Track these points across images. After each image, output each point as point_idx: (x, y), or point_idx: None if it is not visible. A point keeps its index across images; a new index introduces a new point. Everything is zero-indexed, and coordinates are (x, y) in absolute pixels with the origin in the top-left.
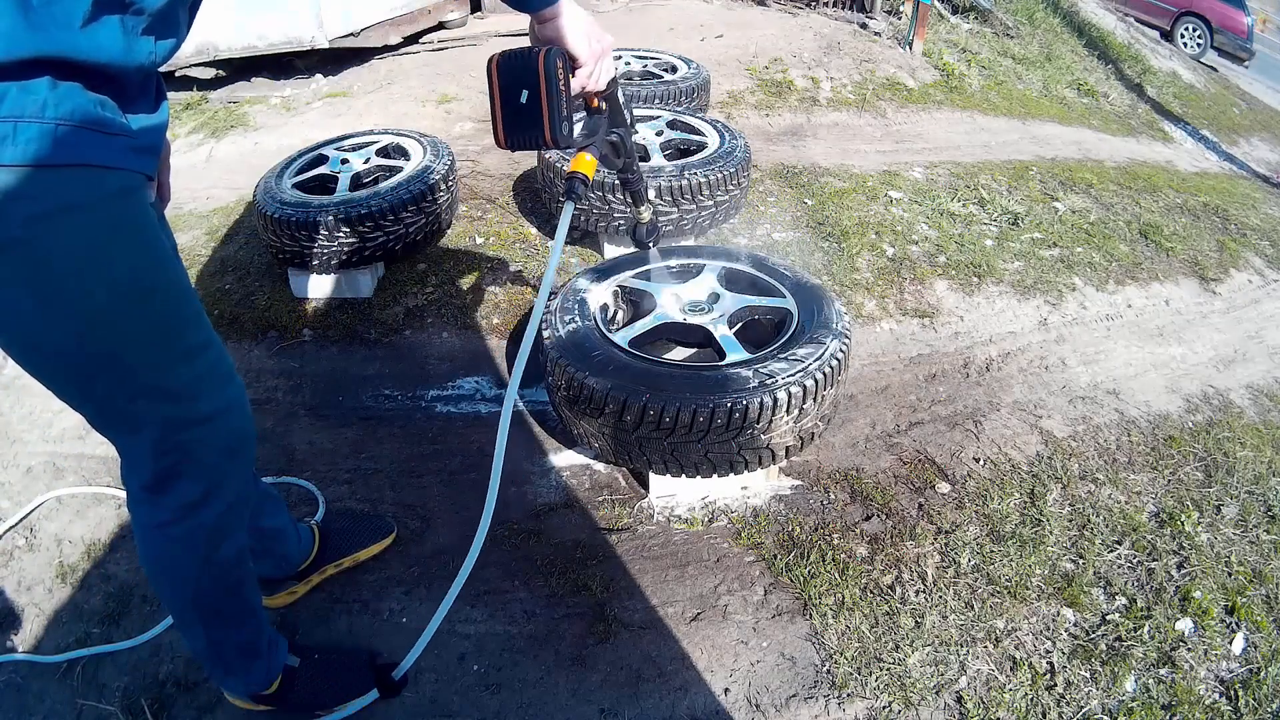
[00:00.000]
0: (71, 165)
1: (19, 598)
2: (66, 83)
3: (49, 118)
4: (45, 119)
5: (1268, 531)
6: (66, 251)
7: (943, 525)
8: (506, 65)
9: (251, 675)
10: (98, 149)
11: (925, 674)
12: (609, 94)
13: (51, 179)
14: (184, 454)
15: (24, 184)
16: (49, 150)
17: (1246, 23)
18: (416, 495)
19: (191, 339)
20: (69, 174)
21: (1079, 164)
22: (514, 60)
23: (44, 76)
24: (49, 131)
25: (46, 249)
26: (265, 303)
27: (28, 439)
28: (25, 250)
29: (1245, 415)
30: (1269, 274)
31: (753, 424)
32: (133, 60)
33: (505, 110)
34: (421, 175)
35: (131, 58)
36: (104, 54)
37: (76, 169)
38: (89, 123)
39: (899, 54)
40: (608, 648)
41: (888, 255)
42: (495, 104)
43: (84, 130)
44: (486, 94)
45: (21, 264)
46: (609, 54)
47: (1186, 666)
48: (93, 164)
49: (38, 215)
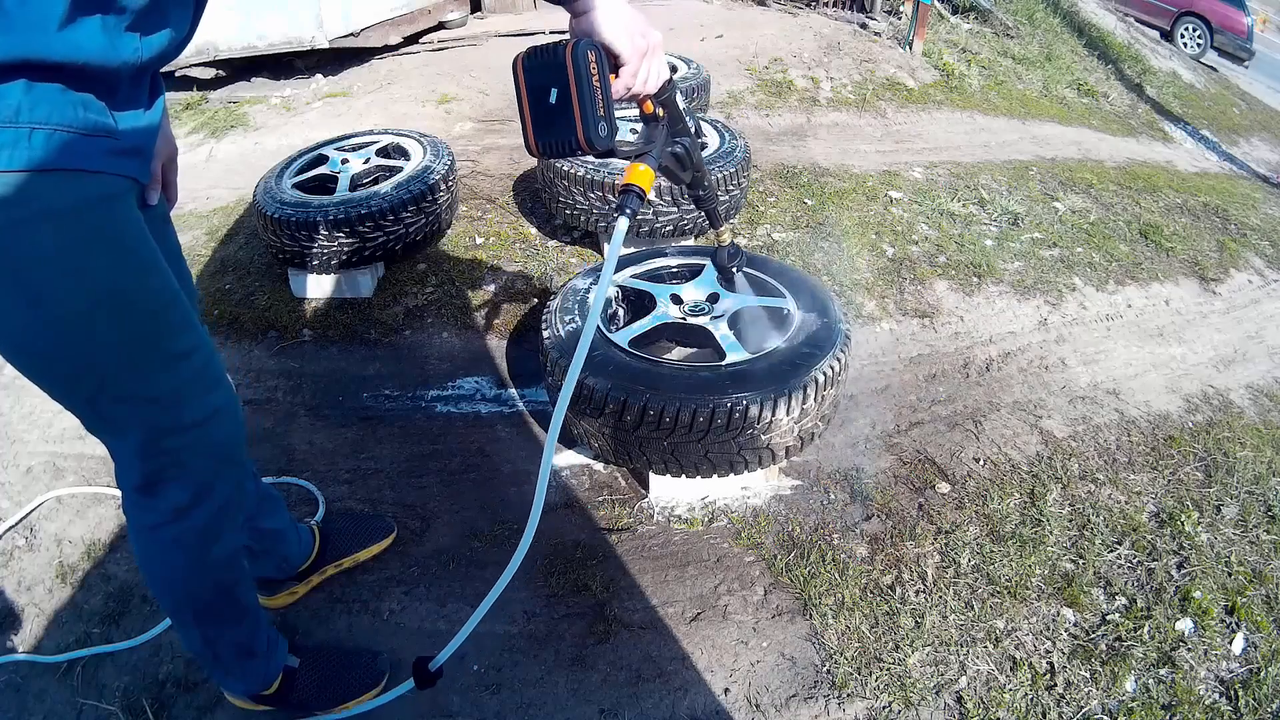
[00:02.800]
0: (48, 170)
1: (19, 598)
2: (44, 85)
3: (23, 122)
4: (19, 124)
5: (1268, 531)
6: (45, 257)
7: (943, 525)
8: (532, 63)
9: (250, 675)
10: (75, 153)
11: (925, 674)
12: (666, 98)
13: (29, 183)
14: (170, 459)
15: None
16: (24, 156)
17: (1246, 23)
18: (416, 495)
19: (174, 346)
20: (47, 178)
21: (1079, 164)
22: (540, 56)
23: (19, 80)
24: (23, 137)
25: (26, 253)
26: (265, 303)
27: (28, 439)
28: (4, 254)
29: (1245, 415)
30: (1269, 274)
31: (753, 424)
32: (116, 58)
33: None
34: (421, 175)
35: (115, 55)
36: (83, 54)
37: (54, 174)
38: (66, 126)
39: (899, 54)
40: (608, 648)
41: (888, 255)
42: (523, 107)
43: (61, 134)
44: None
45: (2, 268)
46: (659, 53)
47: (1186, 666)
48: (71, 168)
49: (16, 220)
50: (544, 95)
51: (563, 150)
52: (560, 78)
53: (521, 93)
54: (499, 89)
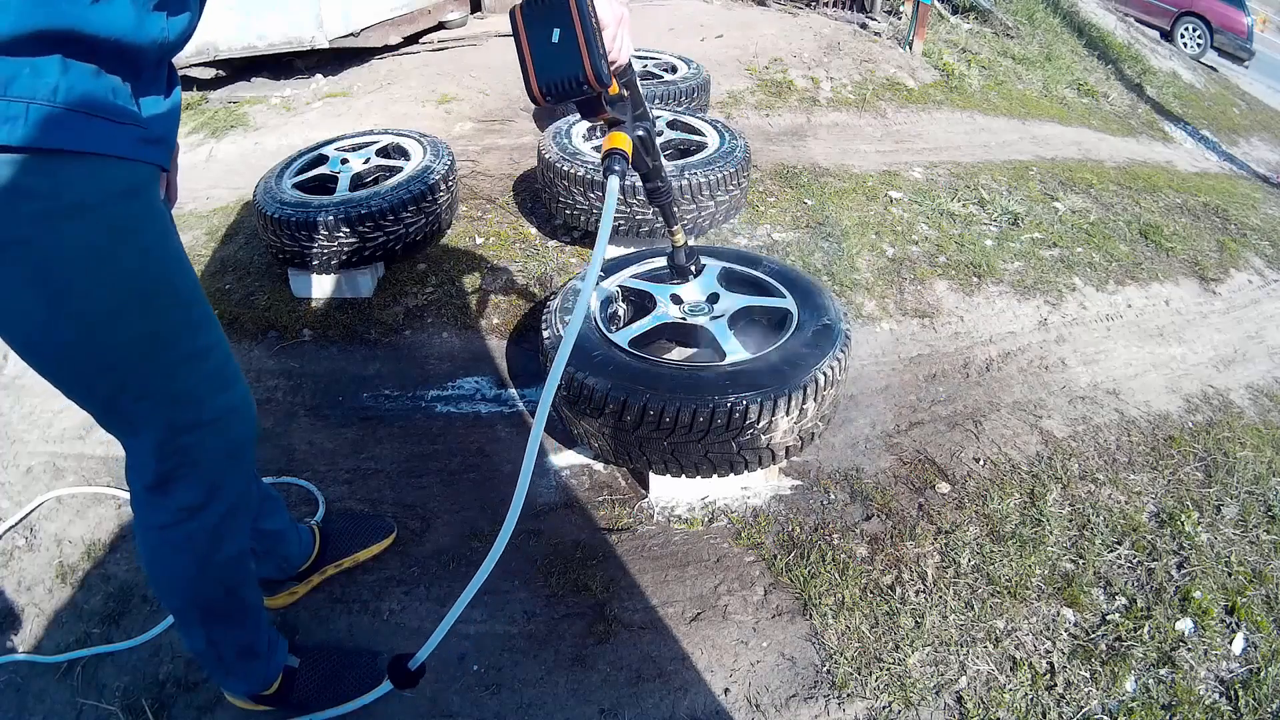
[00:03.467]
0: (78, 153)
1: (19, 598)
2: (79, 64)
3: (59, 103)
4: (55, 104)
5: (1268, 531)
6: (72, 252)
7: (943, 525)
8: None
9: (251, 676)
10: (107, 138)
11: (925, 674)
12: (629, 80)
13: (59, 168)
14: (185, 456)
15: (31, 176)
16: (56, 135)
17: (1246, 23)
18: (416, 495)
19: (197, 342)
20: (76, 164)
21: (1079, 164)
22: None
23: (54, 55)
24: (58, 117)
25: (52, 249)
26: (265, 303)
27: (28, 439)
28: (30, 249)
29: (1245, 415)
30: (1269, 274)
31: (753, 424)
32: (144, 36)
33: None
34: (421, 175)
35: (143, 33)
36: (115, 29)
37: (84, 158)
38: (100, 110)
39: (899, 54)
40: (608, 648)
41: (888, 255)
42: (524, 52)
43: (94, 119)
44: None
45: (26, 263)
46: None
47: (1186, 666)
48: (100, 153)
49: (45, 213)
50: (546, 37)
51: (567, 88)
52: (564, 17)
53: (521, 39)
54: (499, 89)
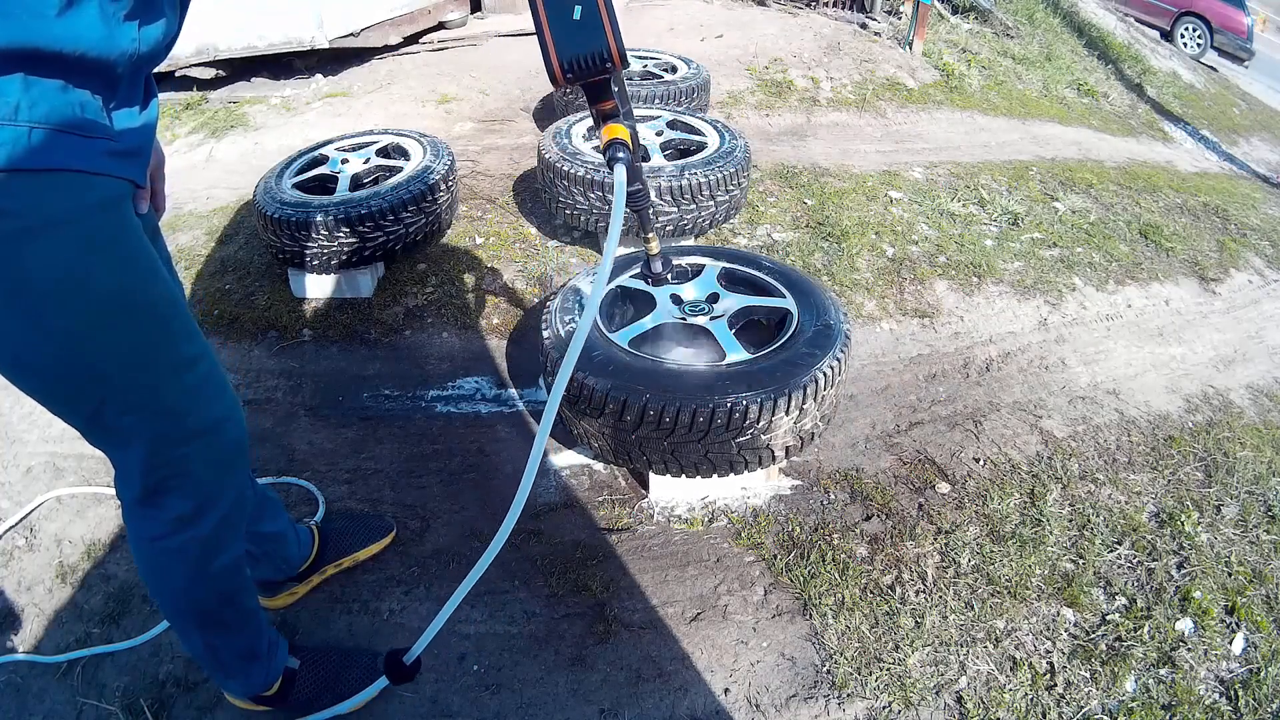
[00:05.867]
0: (47, 170)
1: (19, 598)
2: (43, 81)
3: (22, 121)
4: (18, 122)
5: (1268, 531)
6: (46, 269)
7: (943, 525)
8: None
9: (251, 677)
10: (75, 154)
11: (925, 674)
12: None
13: (28, 186)
14: (175, 469)
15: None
16: (23, 155)
17: (1246, 23)
18: (416, 495)
19: (180, 354)
20: (46, 180)
21: (1079, 164)
22: None
23: (16, 75)
24: (22, 135)
25: (26, 266)
26: (265, 303)
27: (28, 439)
28: (3, 268)
29: (1245, 415)
30: (1269, 274)
31: (753, 424)
32: (114, 49)
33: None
34: (421, 175)
35: (113, 46)
36: (82, 43)
37: (53, 174)
38: (66, 126)
39: (899, 54)
40: (608, 648)
41: (888, 255)
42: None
43: (60, 134)
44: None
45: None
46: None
47: (1186, 666)
48: (70, 169)
49: (15, 232)
50: (567, 13)
51: (590, 65)
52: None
53: (541, 18)
54: (499, 89)
